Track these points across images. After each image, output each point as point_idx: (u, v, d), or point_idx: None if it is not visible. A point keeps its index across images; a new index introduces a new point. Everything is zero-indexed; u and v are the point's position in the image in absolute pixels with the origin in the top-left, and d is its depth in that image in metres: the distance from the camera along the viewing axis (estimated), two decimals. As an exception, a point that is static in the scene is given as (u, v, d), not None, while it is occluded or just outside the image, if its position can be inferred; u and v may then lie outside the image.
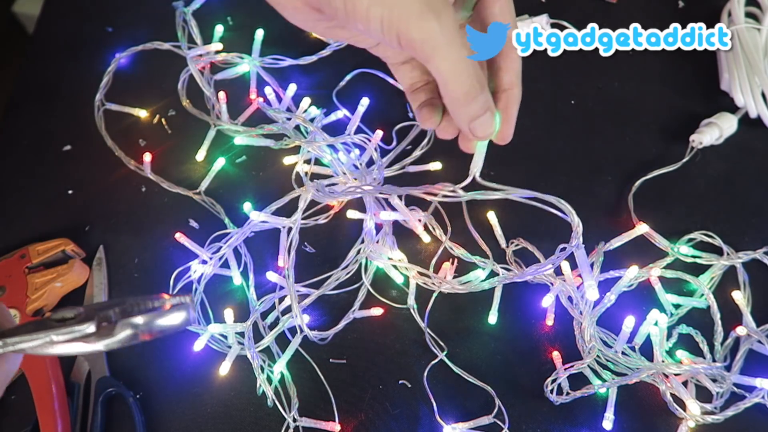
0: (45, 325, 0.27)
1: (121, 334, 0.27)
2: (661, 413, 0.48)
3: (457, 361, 0.50)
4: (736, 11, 0.58)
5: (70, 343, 0.27)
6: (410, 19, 0.29)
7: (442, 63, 0.30)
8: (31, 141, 0.60)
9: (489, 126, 0.35)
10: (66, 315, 0.27)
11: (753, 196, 0.56)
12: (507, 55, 0.37)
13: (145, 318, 0.27)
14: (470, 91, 0.32)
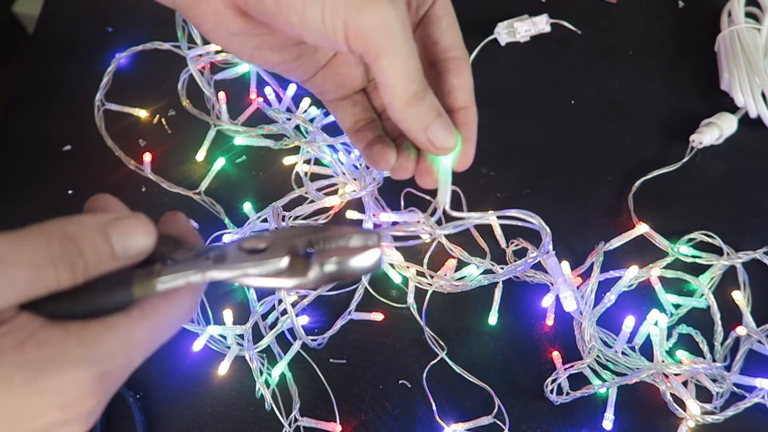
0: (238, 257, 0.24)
1: (312, 274, 0.25)
2: (661, 413, 0.48)
3: (457, 361, 0.50)
4: (736, 11, 0.58)
5: (262, 278, 0.25)
6: (360, 3, 0.25)
7: (397, 58, 0.26)
8: (31, 141, 0.60)
9: (448, 132, 0.29)
10: (258, 245, 0.25)
11: (753, 196, 0.56)
12: (459, 72, 0.33)
13: (339, 262, 0.25)
14: (418, 91, 0.27)
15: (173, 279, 0.23)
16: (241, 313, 0.52)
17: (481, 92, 0.61)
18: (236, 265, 0.24)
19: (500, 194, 0.56)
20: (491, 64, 0.61)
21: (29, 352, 0.19)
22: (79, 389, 0.20)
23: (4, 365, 0.19)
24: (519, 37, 0.61)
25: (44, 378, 0.19)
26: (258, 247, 0.25)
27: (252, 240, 0.25)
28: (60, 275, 0.21)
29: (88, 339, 0.20)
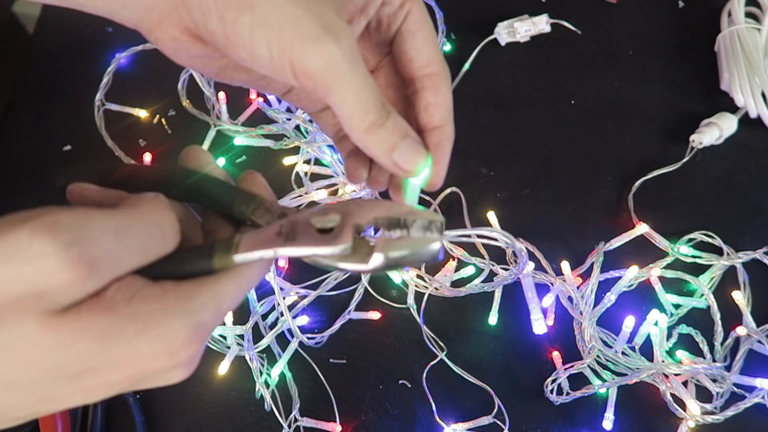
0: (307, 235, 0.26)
1: (372, 263, 0.25)
2: (661, 413, 0.48)
3: (457, 361, 0.50)
4: (736, 11, 0.58)
5: (327, 259, 0.25)
6: (305, 44, 0.24)
7: (347, 94, 0.25)
8: (31, 141, 0.60)
9: (414, 154, 0.28)
10: (326, 224, 0.26)
11: (753, 196, 0.56)
12: (436, 90, 0.32)
13: (399, 252, 0.25)
14: (376, 120, 0.27)
15: (248, 255, 0.25)
16: (241, 313, 0.52)
17: (481, 92, 0.61)
18: (305, 244, 0.25)
19: (500, 194, 0.56)
20: (491, 64, 0.61)
21: (137, 306, 0.22)
22: (181, 337, 0.23)
23: (119, 316, 0.22)
24: (519, 37, 0.61)
25: (153, 328, 0.22)
26: (327, 227, 0.26)
27: (322, 217, 0.26)
28: (167, 241, 0.24)
29: (182, 295, 0.23)
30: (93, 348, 0.21)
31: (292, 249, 0.25)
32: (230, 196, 0.28)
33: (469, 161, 0.57)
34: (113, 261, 0.22)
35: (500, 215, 0.55)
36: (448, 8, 0.61)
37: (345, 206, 0.27)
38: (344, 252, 0.25)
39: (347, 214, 0.26)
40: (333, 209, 0.26)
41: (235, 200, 0.28)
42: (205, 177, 0.29)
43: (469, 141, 0.58)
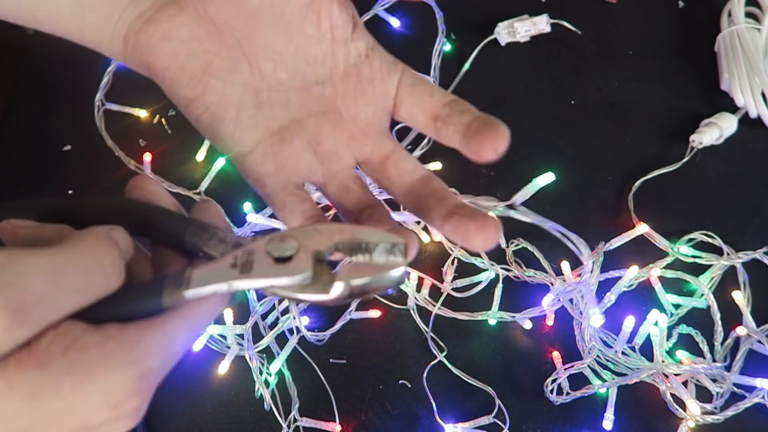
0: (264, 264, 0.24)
1: (333, 293, 0.24)
2: (661, 413, 0.48)
3: (457, 361, 0.50)
4: (736, 11, 0.58)
5: (285, 290, 0.24)
6: None
7: None
8: (31, 141, 0.60)
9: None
10: (284, 253, 0.24)
11: (753, 196, 0.56)
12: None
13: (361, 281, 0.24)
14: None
15: (201, 290, 0.23)
16: (241, 313, 0.52)
17: (481, 92, 0.61)
18: (262, 275, 0.24)
19: (500, 194, 0.56)
20: (491, 64, 0.61)
21: (74, 357, 0.20)
22: (124, 389, 0.21)
23: (53, 370, 0.20)
24: (519, 37, 0.61)
25: (91, 381, 0.20)
26: (284, 255, 0.24)
27: (279, 245, 0.24)
28: (109, 281, 0.22)
29: (125, 341, 0.21)
30: (23, 408, 0.19)
31: (247, 281, 0.24)
32: (181, 227, 0.26)
33: (469, 161, 0.57)
34: (46, 306, 0.19)
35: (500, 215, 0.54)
36: (448, 8, 0.61)
37: (303, 232, 0.25)
38: (303, 281, 0.24)
39: (306, 240, 0.25)
40: (290, 236, 0.25)
41: (187, 231, 0.26)
42: (155, 208, 0.27)
43: (469, 141, 0.58)
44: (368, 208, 0.28)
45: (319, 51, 0.27)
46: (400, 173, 0.29)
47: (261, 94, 0.28)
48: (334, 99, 0.28)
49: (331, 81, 0.28)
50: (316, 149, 0.28)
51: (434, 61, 0.60)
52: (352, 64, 0.28)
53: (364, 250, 0.25)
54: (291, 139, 0.28)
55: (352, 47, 0.27)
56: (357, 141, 0.29)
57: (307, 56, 0.27)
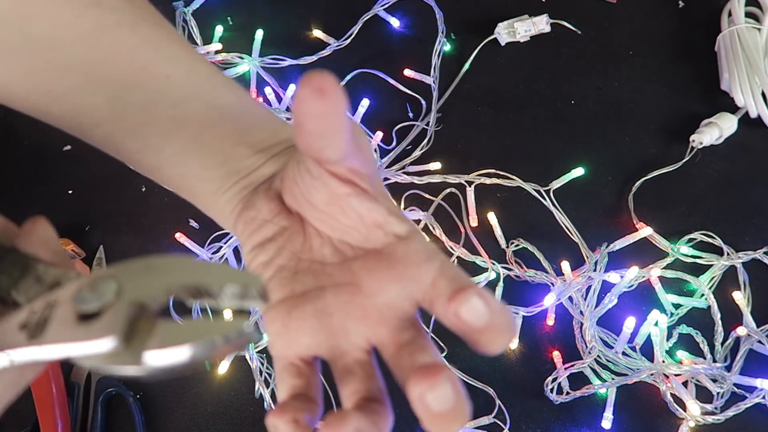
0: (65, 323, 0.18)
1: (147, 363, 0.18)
2: (662, 413, 0.48)
3: (458, 361, 0.49)
4: (736, 11, 0.58)
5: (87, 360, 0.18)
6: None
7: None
8: (31, 141, 0.60)
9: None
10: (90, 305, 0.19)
11: (753, 196, 0.56)
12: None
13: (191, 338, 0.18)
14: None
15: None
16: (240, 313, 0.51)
17: (481, 92, 0.61)
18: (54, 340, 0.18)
19: (500, 194, 0.56)
20: (491, 64, 0.61)
21: None
22: None
23: None
24: (519, 37, 0.61)
25: None
26: (90, 310, 0.18)
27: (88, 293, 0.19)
28: None
29: None
30: None
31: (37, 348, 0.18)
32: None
33: (469, 161, 0.57)
34: None
35: (500, 215, 0.55)
36: (448, 8, 0.61)
37: (128, 270, 0.20)
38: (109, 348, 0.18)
39: (128, 282, 0.19)
40: (110, 276, 0.19)
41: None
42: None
43: (469, 141, 0.58)
44: (365, 400, 0.26)
45: (358, 234, 0.28)
46: (413, 364, 0.26)
47: (303, 263, 0.29)
48: (359, 272, 0.27)
49: (365, 256, 0.28)
50: (325, 320, 0.27)
51: (434, 61, 0.60)
52: (389, 245, 0.27)
53: (206, 293, 0.20)
54: (303, 304, 0.27)
55: (389, 229, 0.27)
56: (371, 320, 0.26)
57: (348, 238, 0.28)
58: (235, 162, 0.31)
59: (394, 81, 0.59)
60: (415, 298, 0.26)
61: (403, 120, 0.58)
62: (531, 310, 0.51)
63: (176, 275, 0.20)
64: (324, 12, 0.64)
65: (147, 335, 0.18)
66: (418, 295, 0.26)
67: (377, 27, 0.62)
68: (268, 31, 0.63)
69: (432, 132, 0.57)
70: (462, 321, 0.23)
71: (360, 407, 0.25)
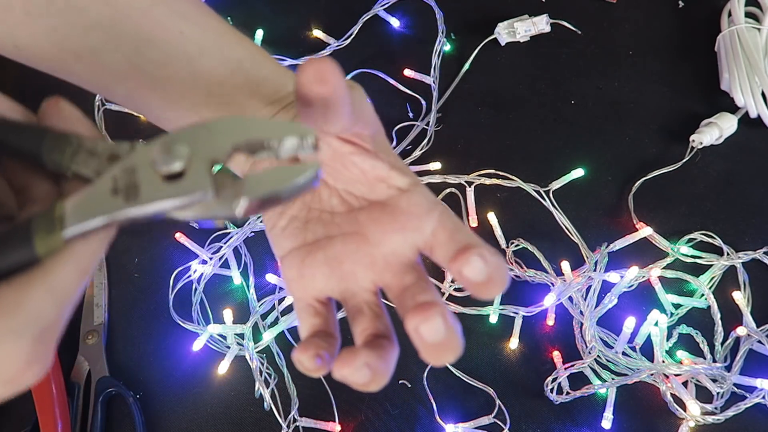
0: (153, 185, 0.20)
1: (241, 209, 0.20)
2: (662, 413, 0.48)
3: (458, 361, 0.49)
4: (736, 11, 0.58)
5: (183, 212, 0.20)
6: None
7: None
8: (31, 141, 0.60)
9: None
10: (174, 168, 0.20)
11: (753, 196, 0.56)
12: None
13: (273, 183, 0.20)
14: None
15: (80, 227, 0.19)
16: (241, 313, 0.52)
17: (481, 92, 0.61)
18: (152, 200, 0.20)
19: (500, 194, 0.56)
20: (491, 64, 0.61)
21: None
22: (18, 361, 0.19)
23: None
24: (519, 37, 0.61)
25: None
26: (174, 171, 0.20)
27: (165, 156, 0.20)
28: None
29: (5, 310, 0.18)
30: None
31: (135, 209, 0.20)
32: (34, 142, 0.21)
33: (469, 161, 0.57)
34: None
35: (500, 215, 0.55)
36: (448, 8, 0.61)
37: (193, 133, 0.21)
38: (202, 200, 0.20)
39: (197, 143, 0.21)
40: (178, 140, 0.21)
41: (45, 147, 0.21)
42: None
43: (469, 141, 0.58)
44: (374, 337, 0.29)
45: (363, 187, 0.30)
46: (416, 304, 0.28)
47: (313, 213, 0.31)
48: (366, 222, 0.30)
49: (370, 207, 0.30)
50: (336, 266, 0.29)
51: (434, 61, 0.60)
52: (392, 197, 0.29)
53: (268, 146, 0.21)
54: (315, 252, 0.30)
55: (391, 183, 0.29)
56: (378, 266, 0.29)
57: (354, 190, 0.30)
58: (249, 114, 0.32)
59: (394, 81, 0.59)
60: (416, 246, 0.29)
61: (403, 120, 0.58)
62: (531, 310, 0.51)
63: (238, 132, 0.21)
64: (324, 12, 0.64)
65: (229, 187, 0.20)
66: (420, 243, 0.29)
67: (377, 27, 0.62)
68: (268, 31, 0.63)
69: (432, 132, 0.57)
70: (464, 278, 0.26)
71: (368, 343, 0.28)
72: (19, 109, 0.23)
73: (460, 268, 0.26)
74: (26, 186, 0.22)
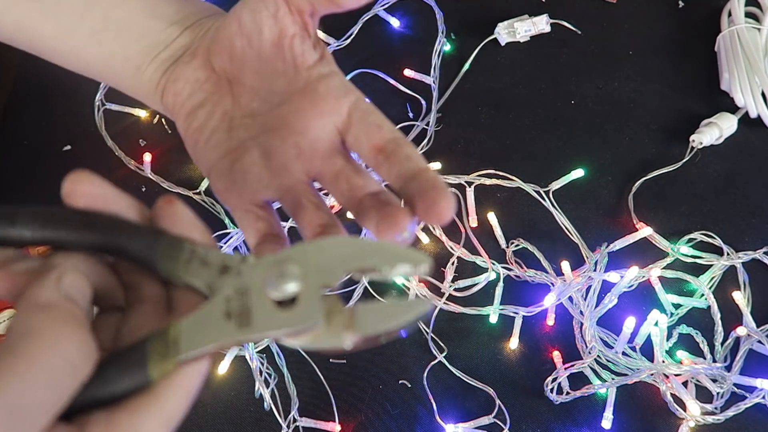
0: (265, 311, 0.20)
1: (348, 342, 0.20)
2: (662, 413, 0.48)
3: (458, 361, 0.49)
4: (736, 11, 0.58)
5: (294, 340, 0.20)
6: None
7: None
8: (31, 141, 0.60)
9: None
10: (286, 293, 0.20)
11: (753, 196, 0.56)
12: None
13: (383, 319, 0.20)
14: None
15: (193, 353, 0.20)
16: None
17: (481, 92, 0.61)
18: (264, 328, 0.20)
19: (500, 194, 0.56)
20: (491, 64, 0.61)
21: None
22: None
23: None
24: (519, 37, 0.61)
25: None
26: (287, 296, 0.20)
27: (278, 280, 0.20)
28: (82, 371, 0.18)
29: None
30: None
31: (249, 336, 0.20)
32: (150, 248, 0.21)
33: (469, 161, 0.57)
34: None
35: (500, 215, 0.55)
36: (448, 8, 0.61)
37: (304, 252, 0.21)
38: (313, 329, 0.20)
39: (309, 266, 0.21)
40: (290, 259, 0.21)
41: (158, 253, 0.21)
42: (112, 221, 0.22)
43: (469, 141, 0.58)
44: (319, 226, 0.28)
45: (285, 80, 0.30)
46: (351, 188, 0.29)
47: (234, 120, 0.31)
48: (287, 115, 0.30)
49: (289, 100, 0.30)
50: (266, 164, 0.29)
51: (434, 61, 0.60)
52: (310, 84, 0.29)
53: (379, 270, 0.21)
54: (242, 155, 0.30)
55: (313, 71, 0.30)
56: (306, 154, 0.29)
57: (275, 86, 0.30)
58: (151, 36, 0.32)
59: (394, 81, 0.59)
60: (337, 128, 0.29)
61: (403, 120, 0.58)
62: (531, 310, 0.51)
63: (350, 255, 0.21)
64: (324, 12, 0.64)
65: (339, 315, 0.20)
66: (339, 125, 0.29)
67: (377, 27, 0.62)
68: (268, 31, 0.62)
69: (432, 132, 0.57)
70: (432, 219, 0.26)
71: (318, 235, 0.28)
72: (136, 207, 0.23)
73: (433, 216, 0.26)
74: (137, 284, 0.23)
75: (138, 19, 0.32)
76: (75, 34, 0.31)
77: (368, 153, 0.29)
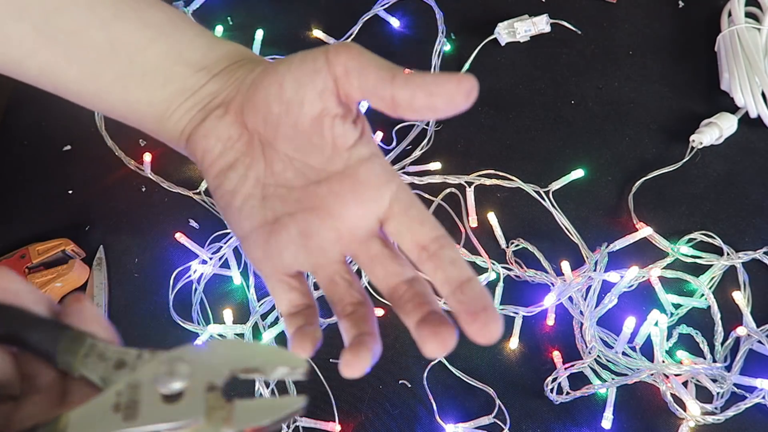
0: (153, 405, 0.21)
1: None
2: (662, 413, 0.48)
3: (458, 361, 0.49)
4: (736, 11, 0.58)
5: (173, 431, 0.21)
6: None
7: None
8: (31, 141, 0.60)
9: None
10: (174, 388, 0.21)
11: (753, 196, 0.56)
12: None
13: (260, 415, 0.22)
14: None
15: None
16: (241, 313, 0.52)
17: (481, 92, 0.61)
18: (149, 421, 0.21)
19: (500, 194, 0.56)
20: (491, 64, 0.61)
21: None
22: None
23: None
24: (519, 37, 0.61)
25: None
26: (174, 391, 0.21)
27: (168, 378, 0.21)
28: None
29: None
30: None
31: (133, 428, 0.21)
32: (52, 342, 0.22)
33: (469, 161, 0.57)
34: None
35: (500, 215, 0.55)
36: (448, 8, 0.61)
37: (196, 353, 0.23)
38: (194, 424, 0.21)
39: (199, 365, 0.22)
40: (181, 357, 0.22)
41: (59, 346, 0.22)
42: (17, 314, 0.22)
43: (469, 141, 0.58)
44: (350, 305, 0.29)
45: (322, 157, 0.29)
46: (387, 274, 0.29)
47: (268, 188, 0.30)
48: (327, 196, 0.29)
49: (328, 181, 0.29)
50: (303, 243, 0.29)
51: (434, 61, 0.60)
52: (350, 167, 0.29)
53: (261, 371, 0.23)
54: (279, 231, 0.30)
55: (353, 153, 0.29)
56: (345, 240, 0.29)
57: (311, 160, 0.29)
58: (176, 82, 0.31)
59: (394, 81, 0.59)
60: (377, 216, 0.29)
61: (403, 120, 0.58)
62: (531, 310, 0.51)
63: (236, 357, 0.23)
64: (324, 12, 0.64)
65: (220, 409, 0.22)
66: (380, 213, 0.29)
67: (377, 27, 0.62)
68: (268, 31, 0.63)
69: (432, 132, 0.57)
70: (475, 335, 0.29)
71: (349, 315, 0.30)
72: (43, 301, 0.24)
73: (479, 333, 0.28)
74: (34, 374, 0.23)
75: (164, 65, 0.31)
76: (99, 79, 0.31)
77: (410, 248, 0.29)
